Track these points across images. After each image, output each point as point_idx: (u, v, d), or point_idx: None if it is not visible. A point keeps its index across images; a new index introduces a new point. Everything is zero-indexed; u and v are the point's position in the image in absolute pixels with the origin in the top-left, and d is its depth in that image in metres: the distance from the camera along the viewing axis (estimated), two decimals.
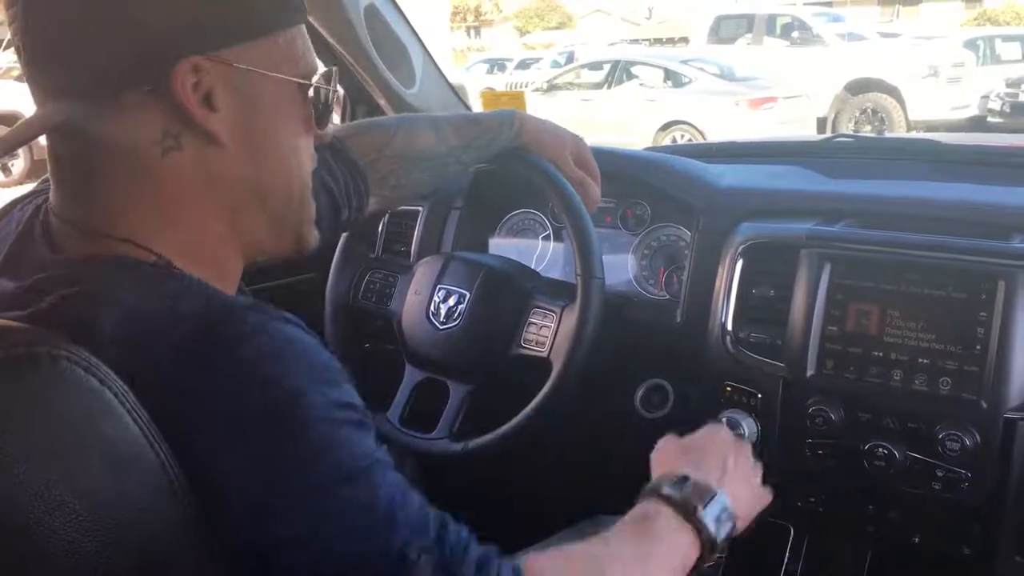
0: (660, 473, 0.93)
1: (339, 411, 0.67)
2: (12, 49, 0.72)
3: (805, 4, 17.25)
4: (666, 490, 0.88)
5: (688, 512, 0.86)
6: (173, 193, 0.73)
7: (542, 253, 1.61)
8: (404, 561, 0.66)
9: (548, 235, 1.61)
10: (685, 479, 0.89)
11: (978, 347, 1.13)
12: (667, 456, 0.99)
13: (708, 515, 0.86)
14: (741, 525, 0.92)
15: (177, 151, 0.72)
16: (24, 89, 0.73)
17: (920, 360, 1.16)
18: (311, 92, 0.79)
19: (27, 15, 0.69)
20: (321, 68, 0.81)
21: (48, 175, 0.87)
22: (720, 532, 0.87)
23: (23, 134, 0.72)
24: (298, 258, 0.86)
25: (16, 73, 10.44)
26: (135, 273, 0.70)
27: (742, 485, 0.96)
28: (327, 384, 0.67)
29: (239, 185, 0.76)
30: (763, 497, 1.00)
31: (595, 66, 11.63)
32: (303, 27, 0.79)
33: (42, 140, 0.74)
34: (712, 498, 0.88)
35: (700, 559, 0.86)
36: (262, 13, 0.74)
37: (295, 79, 0.77)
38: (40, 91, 0.71)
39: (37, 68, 0.71)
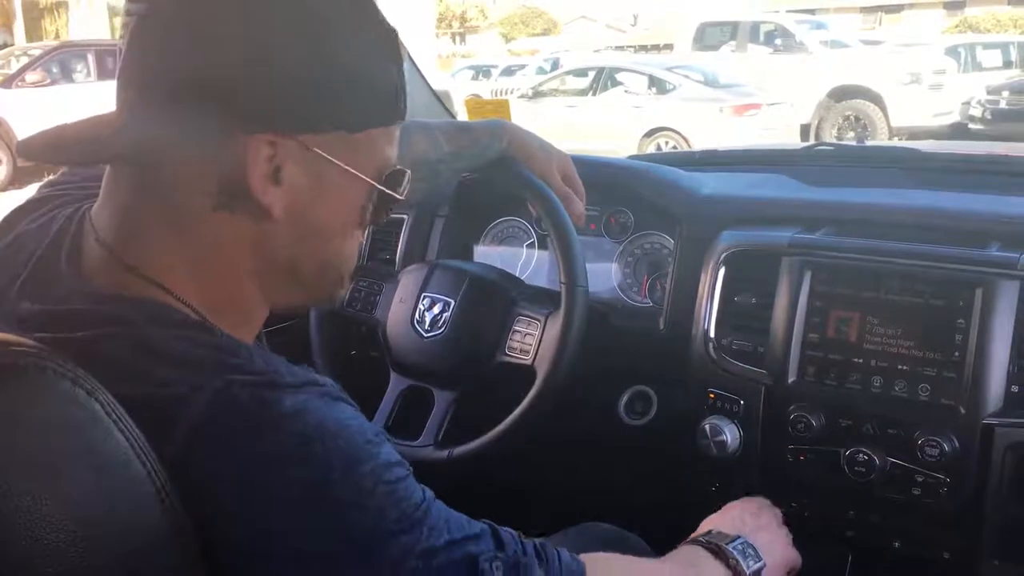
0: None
1: (387, 471, 0.69)
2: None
3: (788, 11, 17.34)
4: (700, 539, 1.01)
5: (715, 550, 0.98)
6: (212, 248, 0.72)
7: (527, 261, 1.62)
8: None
9: (533, 243, 1.62)
10: (709, 532, 1.03)
11: (956, 354, 1.14)
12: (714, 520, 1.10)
13: (734, 549, 0.98)
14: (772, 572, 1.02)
15: (227, 211, 0.71)
16: (8, 96, 0.73)
17: (899, 367, 1.18)
18: (376, 192, 0.78)
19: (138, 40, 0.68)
20: (394, 166, 0.79)
21: (47, 180, 0.88)
22: (748, 564, 0.97)
23: (95, 153, 0.71)
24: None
25: (0, 79, 10.35)
26: (174, 322, 0.70)
27: (765, 534, 1.07)
28: (375, 449, 0.69)
29: (279, 256, 0.75)
30: (789, 549, 1.10)
31: (580, 73, 11.66)
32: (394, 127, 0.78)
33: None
34: (735, 539, 1.00)
35: None
36: (357, 111, 0.73)
37: (366, 177, 0.76)
38: (124, 103, 0.70)
39: (132, 87, 0.69)
